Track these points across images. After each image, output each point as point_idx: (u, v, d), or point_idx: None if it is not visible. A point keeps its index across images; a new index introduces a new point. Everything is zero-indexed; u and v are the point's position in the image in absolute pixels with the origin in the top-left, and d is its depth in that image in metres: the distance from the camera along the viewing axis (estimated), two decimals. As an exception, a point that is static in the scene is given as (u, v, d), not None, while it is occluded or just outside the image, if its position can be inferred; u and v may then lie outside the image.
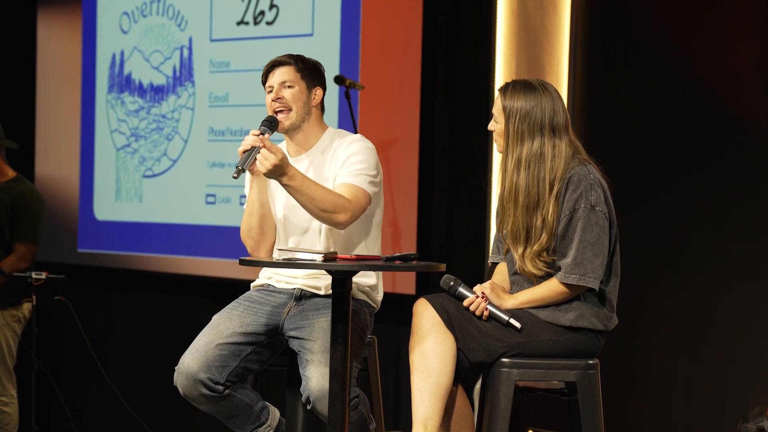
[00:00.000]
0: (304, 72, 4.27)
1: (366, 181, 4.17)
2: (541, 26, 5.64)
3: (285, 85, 4.24)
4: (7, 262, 6.08)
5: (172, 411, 6.85)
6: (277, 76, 4.25)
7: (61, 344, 6.77)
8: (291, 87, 4.24)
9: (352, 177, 4.16)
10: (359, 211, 4.14)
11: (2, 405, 6.10)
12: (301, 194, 4.04)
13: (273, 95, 4.24)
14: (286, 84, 4.24)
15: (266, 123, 4.16)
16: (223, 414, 4.19)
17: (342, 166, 4.20)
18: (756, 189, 5.15)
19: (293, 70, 4.25)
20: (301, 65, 4.27)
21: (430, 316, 3.85)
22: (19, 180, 6.26)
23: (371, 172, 4.19)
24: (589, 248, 3.83)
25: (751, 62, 5.16)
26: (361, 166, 4.18)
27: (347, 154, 4.21)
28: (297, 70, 4.26)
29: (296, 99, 4.24)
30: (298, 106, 4.24)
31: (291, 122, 4.25)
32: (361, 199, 4.14)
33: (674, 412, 5.35)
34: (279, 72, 4.26)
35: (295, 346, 4.13)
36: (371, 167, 4.19)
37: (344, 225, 4.12)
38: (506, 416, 3.82)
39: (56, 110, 7.57)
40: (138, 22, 7.19)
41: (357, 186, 4.15)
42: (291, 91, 4.24)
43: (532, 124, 3.90)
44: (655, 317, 5.40)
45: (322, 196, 4.05)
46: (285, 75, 4.25)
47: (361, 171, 4.17)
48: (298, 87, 4.25)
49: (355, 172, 4.17)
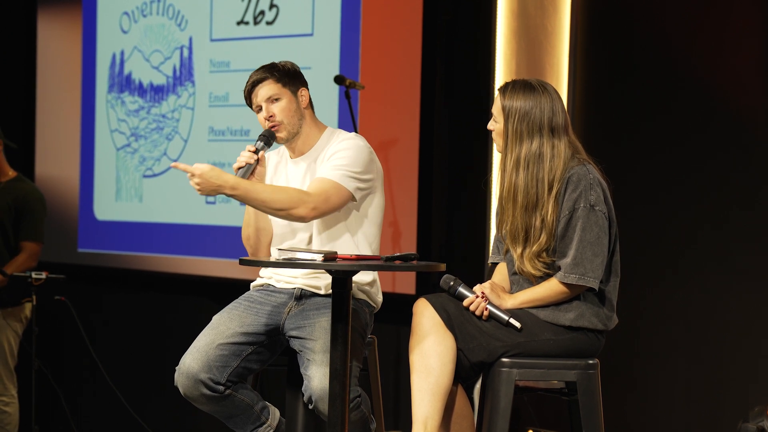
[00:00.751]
0: (284, 79, 4.24)
1: (344, 175, 4.12)
2: (541, 26, 5.64)
3: (272, 101, 4.22)
4: (17, 260, 6.09)
5: (173, 411, 6.85)
6: (260, 94, 4.23)
7: (61, 344, 6.77)
8: (278, 100, 4.23)
9: (328, 171, 4.13)
10: (324, 205, 4.08)
11: (3, 405, 6.10)
12: (251, 200, 4.04)
13: (264, 114, 4.23)
14: (272, 99, 4.22)
15: (263, 138, 4.19)
16: (223, 414, 4.20)
17: (325, 160, 4.19)
18: (756, 189, 5.15)
19: (273, 82, 4.22)
20: (278, 75, 4.23)
21: (430, 316, 3.85)
22: (20, 179, 6.27)
23: (354, 168, 4.14)
24: (588, 248, 3.82)
25: (751, 62, 5.16)
26: (342, 161, 4.14)
27: (334, 150, 4.19)
28: (277, 80, 4.23)
29: (286, 111, 4.22)
30: (289, 117, 4.23)
31: (287, 133, 4.24)
32: (329, 193, 4.09)
33: (674, 412, 5.35)
34: (261, 90, 4.22)
35: (296, 346, 4.13)
36: (355, 164, 4.15)
37: (307, 219, 4.08)
38: (506, 416, 3.82)
39: (56, 110, 7.57)
40: (138, 21, 7.19)
41: (329, 180, 4.10)
42: (279, 105, 4.22)
43: (531, 124, 3.89)
44: (655, 317, 5.40)
45: (272, 197, 4.03)
46: (268, 90, 4.22)
47: (341, 166, 4.13)
48: (285, 98, 4.23)
49: (334, 166, 4.13)
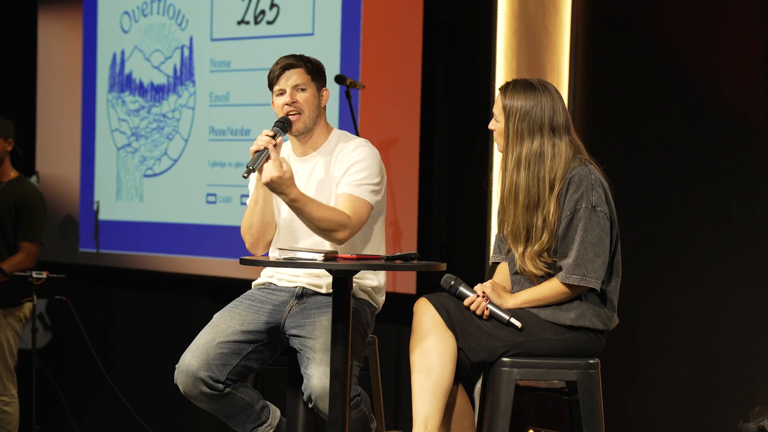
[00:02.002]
0: (314, 74, 4.24)
1: (368, 191, 4.15)
2: (542, 26, 5.64)
3: (298, 89, 4.20)
4: (14, 260, 6.09)
5: (173, 410, 6.85)
6: (289, 79, 4.20)
7: (61, 344, 6.77)
8: (304, 90, 4.21)
9: (354, 187, 4.14)
10: (359, 227, 4.12)
11: (3, 404, 6.10)
12: (301, 214, 4.03)
13: (287, 98, 4.19)
14: (299, 87, 4.20)
15: (279, 124, 4.14)
16: (223, 412, 4.20)
17: (345, 173, 4.18)
18: (756, 189, 5.15)
19: (305, 72, 4.22)
20: (310, 66, 4.23)
21: (430, 316, 3.85)
22: (21, 180, 6.27)
23: (374, 180, 4.17)
24: (590, 248, 3.83)
25: (751, 62, 5.16)
26: (363, 174, 4.16)
27: (352, 160, 4.19)
28: (308, 72, 4.22)
29: (309, 102, 4.21)
30: (310, 109, 4.22)
31: (304, 125, 4.23)
32: (362, 213, 4.13)
33: (674, 412, 5.36)
34: (291, 75, 4.20)
35: (296, 345, 4.13)
36: (374, 174, 4.17)
37: (343, 242, 4.11)
38: (507, 416, 3.82)
39: (57, 110, 7.57)
40: (138, 21, 7.19)
41: (359, 198, 4.13)
42: (304, 95, 4.21)
43: (532, 123, 3.90)
44: (655, 317, 5.40)
45: (321, 215, 4.03)
46: (298, 78, 4.21)
47: (364, 180, 4.15)
48: (310, 90, 4.22)
49: (358, 182, 4.15)
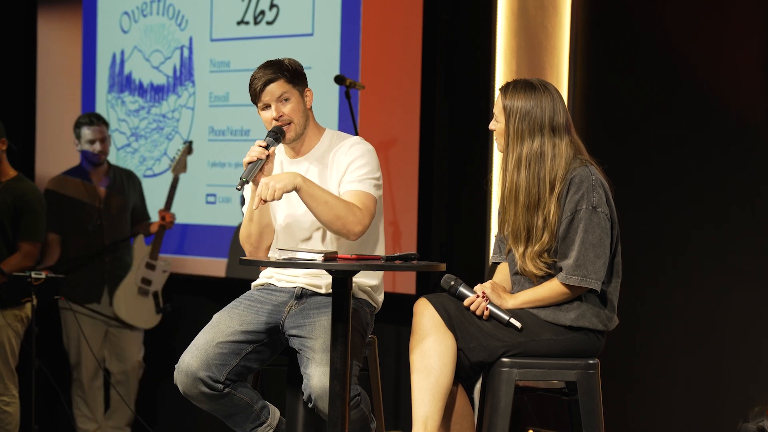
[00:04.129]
0: (294, 80, 4.22)
1: (372, 185, 4.15)
2: (542, 26, 5.64)
3: (282, 100, 4.20)
4: (12, 260, 6.08)
5: (173, 410, 6.85)
6: (270, 92, 4.19)
7: (61, 344, 6.76)
8: (288, 100, 4.20)
9: (359, 183, 4.14)
10: (370, 219, 4.12)
11: (4, 405, 6.09)
12: (316, 197, 4.02)
13: (273, 113, 4.19)
14: (282, 98, 4.20)
15: (272, 134, 4.15)
16: (222, 413, 4.19)
17: (346, 171, 4.18)
18: (756, 189, 5.15)
19: (285, 82, 4.19)
20: (288, 74, 4.21)
21: (430, 316, 3.85)
22: (20, 179, 6.26)
23: (375, 174, 4.18)
24: (590, 249, 3.82)
25: (751, 62, 5.16)
26: (365, 170, 4.16)
27: (350, 158, 4.19)
28: (288, 80, 4.20)
29: (296, 111, 4.21)
30: (298, 117, 4.21)
31: (296, 133, 4.23)
32: (370, 206, 4.13)
33: (674, 412, 5.35)
34: (272, 88, 4.19)
35: (295, 345, 4.12)
36: (374, 169, 4.18)
37: (358, 235, 4.10)
38: (506, 416, 3.82)
39: (56, 110, 7.57)
40: (138, 21, 7.19)
41: (365, 192, 4.13)
42: (289, 105, 4.20)
43: (532, 123, 3.90)
44: (655, 317, 5.40)
45: (334, 201, 4.04)
46: (278, 89, 4.19)
47: (366, 175, 4.16)
48: (294, 97, 4.21)
49: (361, 177, 4.15)
